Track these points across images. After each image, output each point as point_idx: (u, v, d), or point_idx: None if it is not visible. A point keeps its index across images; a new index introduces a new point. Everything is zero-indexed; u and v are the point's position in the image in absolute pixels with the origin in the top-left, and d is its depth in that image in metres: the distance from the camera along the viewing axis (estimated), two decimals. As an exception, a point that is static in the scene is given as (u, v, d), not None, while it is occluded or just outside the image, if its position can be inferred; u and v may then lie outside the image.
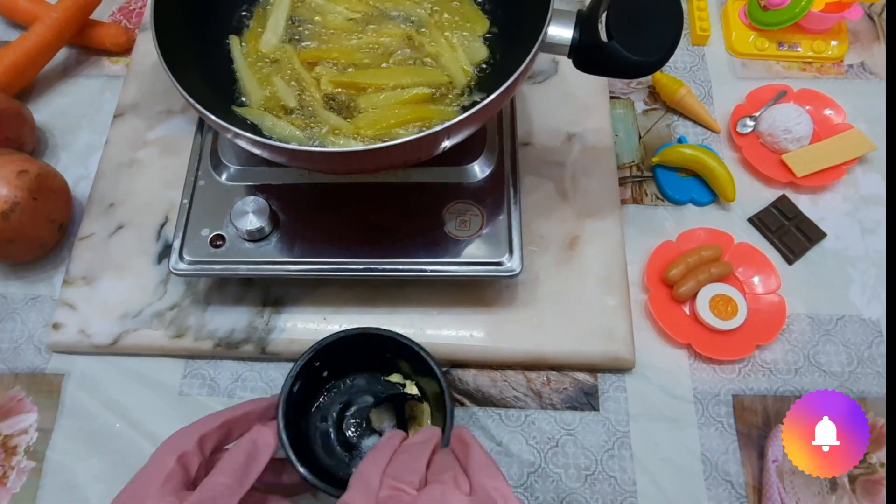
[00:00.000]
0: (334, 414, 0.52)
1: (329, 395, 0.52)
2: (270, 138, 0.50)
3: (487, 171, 0.55)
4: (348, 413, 0.52)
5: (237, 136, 0.45)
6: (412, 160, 0.49)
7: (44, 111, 0.69)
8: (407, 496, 0.36)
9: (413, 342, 0.49)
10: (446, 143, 0.48)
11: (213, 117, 0.45)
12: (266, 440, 0.43)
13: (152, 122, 0.65)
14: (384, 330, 0.49)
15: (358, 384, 0.53)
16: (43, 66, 0.69)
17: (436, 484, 0.37)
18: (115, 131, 0.65)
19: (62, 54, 0.71)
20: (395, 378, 0.52)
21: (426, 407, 0.51)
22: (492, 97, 0.44)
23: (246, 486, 0.40)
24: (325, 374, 0.52)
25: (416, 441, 0.42)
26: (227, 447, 0.44)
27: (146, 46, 0.70)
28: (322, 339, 0.49)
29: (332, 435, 0.51)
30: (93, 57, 0.72)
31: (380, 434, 0.50)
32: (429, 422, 0.51)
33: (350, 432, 0.51)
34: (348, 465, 0.50)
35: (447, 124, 0.43)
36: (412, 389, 0.52)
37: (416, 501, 0.36)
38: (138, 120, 0.66)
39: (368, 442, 0.51)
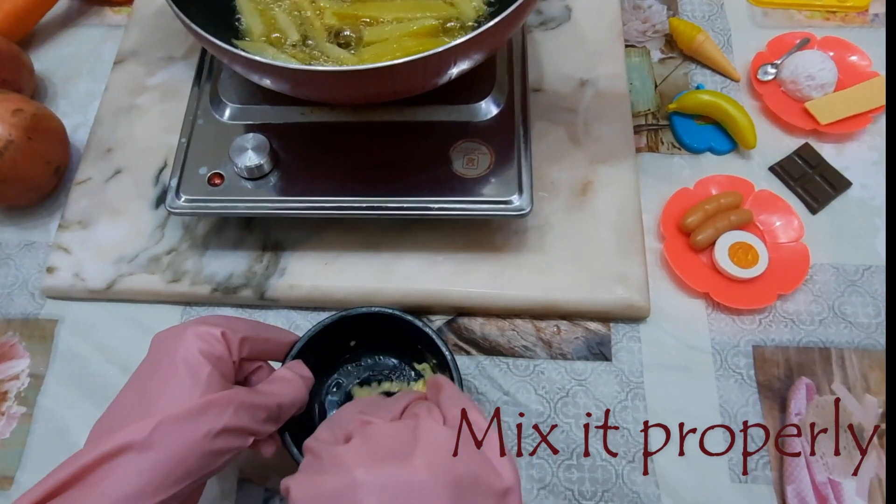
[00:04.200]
0: (349, 387, 0.49)
1: (352, 367, 0.50)
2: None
3: (496, 111, 0.53)
4: (362, 389, 0.49)
5: (234, 58, 0.44)
6: (417, 86, 0.47)
7: (44, 60, 0.67)
8: (374, 424, 0.34)
9: (438, 336, 0.45)
10: (453, 70, 0.45)
11: (210, 37, 0.43)
12: (301, 398, 0.41)
13: (153, 68, 0.64)
14: (414, 319, 0.46)
15: (385, 363, 0.50)
16: (43, 15, 0.68)
17: (409, 417, 0.35)
18: (115, 77, 0.64)
19: (64, 4, 0.70)
20: (423, 367, 0.49)
21: None
22: (501, 16, 0.42)
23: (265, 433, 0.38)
24: (353, 343, 0.49)
25: (396, 395, 0.40)
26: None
27: (149, -5, 0.69)
28: (350, 310, 0.46)
29: (337, 408, 0.48)
30: (95, 7, 0.71)
31: None
32: None
33: None
34: None
35: (454, 43, 0.41)
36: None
37: (385, 427, 0.34)
38: (139, 66, 0.64)
39: None
